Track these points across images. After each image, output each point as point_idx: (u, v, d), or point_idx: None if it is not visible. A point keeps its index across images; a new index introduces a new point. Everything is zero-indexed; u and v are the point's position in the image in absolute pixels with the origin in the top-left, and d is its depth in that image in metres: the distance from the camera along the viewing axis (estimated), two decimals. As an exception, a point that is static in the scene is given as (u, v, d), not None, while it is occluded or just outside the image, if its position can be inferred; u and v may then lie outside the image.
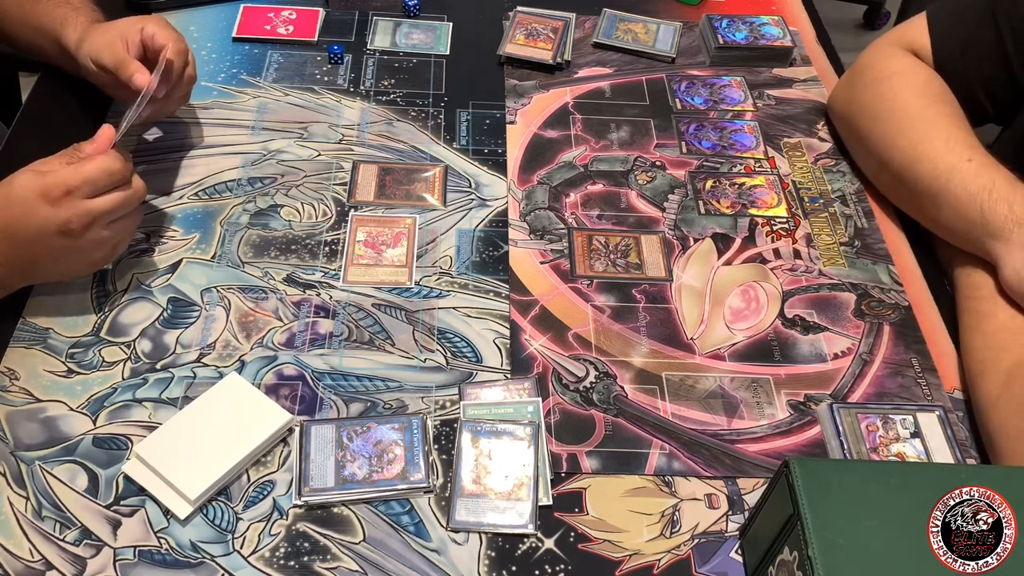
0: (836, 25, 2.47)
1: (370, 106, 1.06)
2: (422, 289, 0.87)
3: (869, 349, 0.85)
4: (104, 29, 0.92)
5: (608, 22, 1.18)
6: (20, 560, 0.67)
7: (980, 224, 0.83)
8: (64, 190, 0.74)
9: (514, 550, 0.70)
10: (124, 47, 0.89)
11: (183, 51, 0.90)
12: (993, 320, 0.81)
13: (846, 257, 0.93)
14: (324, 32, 1.15)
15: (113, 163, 0.76)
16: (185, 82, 0.93)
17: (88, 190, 0.75)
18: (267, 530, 0.70)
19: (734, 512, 0.73)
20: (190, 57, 0.93)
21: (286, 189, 0.95)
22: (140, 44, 0.89)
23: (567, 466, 0.75)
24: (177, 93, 0.93)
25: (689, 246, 0.93)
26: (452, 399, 0.79)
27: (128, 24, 0.91)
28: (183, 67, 0.91)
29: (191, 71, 0.93)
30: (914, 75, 0.95)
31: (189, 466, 0.71)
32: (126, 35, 0.89)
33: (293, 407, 0.77)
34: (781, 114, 1.09)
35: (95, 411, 0.76)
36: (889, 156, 0.93)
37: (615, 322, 0.86)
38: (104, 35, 0.90)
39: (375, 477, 0.73)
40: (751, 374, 0.82)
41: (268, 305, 0.85)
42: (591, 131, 1.05)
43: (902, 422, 0.78)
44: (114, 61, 0.88)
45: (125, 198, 0.78)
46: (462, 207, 0.95)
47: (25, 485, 0.71)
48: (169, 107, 0.94)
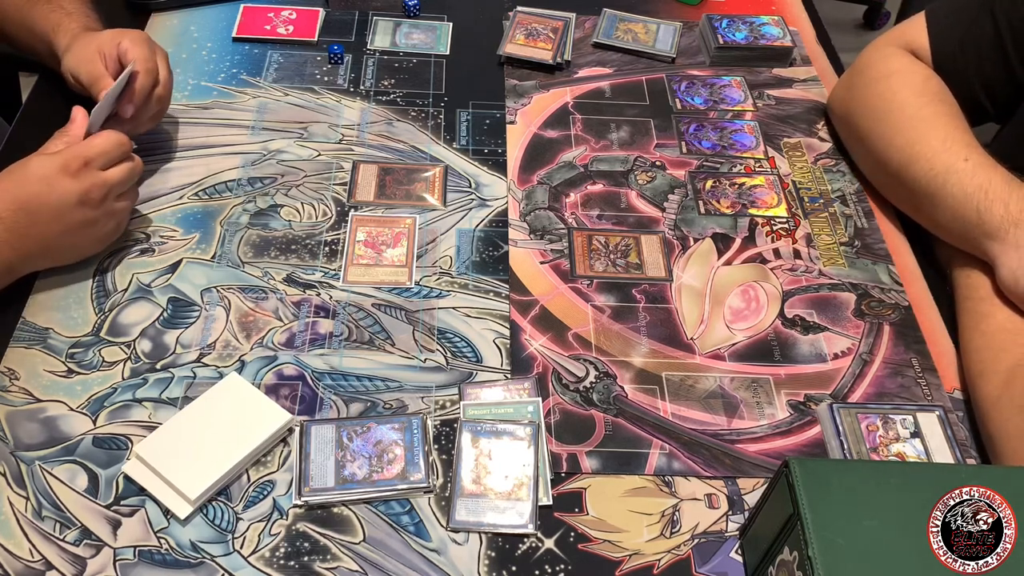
0: (836, 25, 2.47)
1: (370, 106, 1.06)
2: (422, 289, 0.87)
3: (869, 349, 0.85)
4: (87, 42, 0.91)
5: (608, 22, 1.18)
6: (20, 560, 0.67)
7: (977, 224, 0.83)
8: (82, 161, 0.79)
9: (514, 550, 0.70)
10: (102, 63, 0.89)
11: (152, 70, 0.90)
12: (992, 321, 0.81)
13: (846, 257, 0.93)
14: (324, 32, 1.15)
15: (120, 135, 0.82)
16: (154, 102, 0.91)
17: (103, 161, 0.80)
18: (267, 530, 0.70)
19: (734, 512, 0.73)
20: (161, 77, 0.91)
21: (286, 189, 0.95)
22: (117, 59, 0.89)
23: (567, 466, 0.75)
24: (146, 114, 0.91)
25: (689, 246, 0.93)
26: (452, 399, 0.79)
27: (108, 38, 0.90)
28: (151, 86, 0.90)
29: (161, 91, 0.91)
30: (912, 74, 0.95)
31: (189, 466, 0.71)
32: (104, 50, 0.89)
33: (293, 407, 0.77)
34: (781, 114, 1.09)
35: (95, 411, 0.76)
36: (887, 156, 0.93)
37: (615, 322, 0.86)
38: (85, 48, 0.90)
39: (375, 477, 0.73)
40: (751, 374, 0.82)
41: (268, 305, 0.85)
42: (591, 131, 1.05)
43: (902, 422, 0.78)
44: (89, 77, 0.89)
45: (132, 169, 0.83)
46: (462, 207, 0.95)
47: (25, 485, 0.71)
48: (139, 128, 0.92)
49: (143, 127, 0.93)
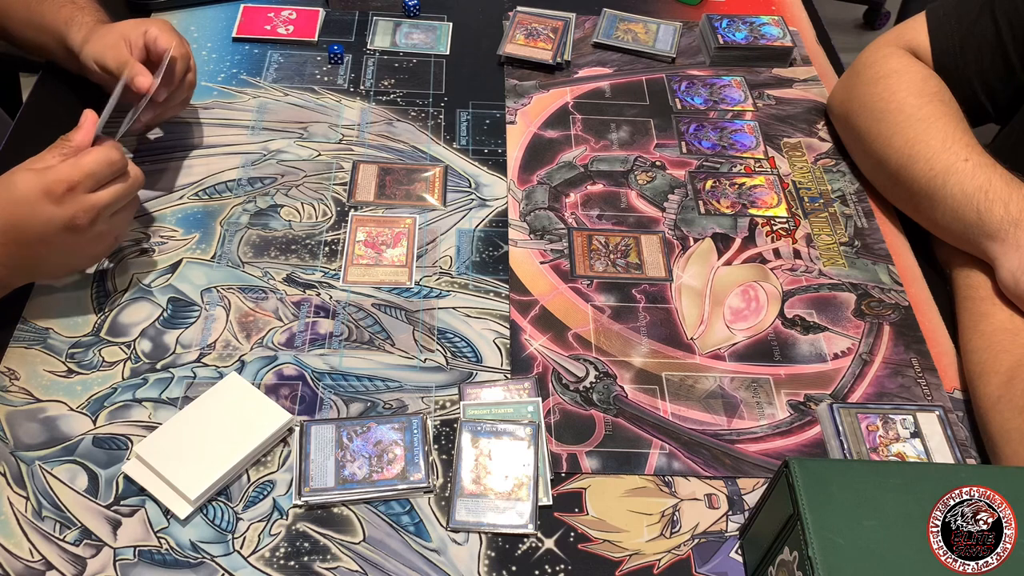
0: (836, 25, 2.47)
1: (370, 106, 1.06)
2: (422, 289, 0.87)
3: (869, 349, 0.85)
4: (107, 30, 0.92)
5: (608, 22, 1.18)
6: (20, 560, 0.67)
7: (976, 225, 0.83)
8: (66, 187, 0.73)
9: (514, 550, 0.70)
10: (127, 49, 0.89)
11: (186, 55, 0.91)
12: (992, 321, 0.81)
13: (846, 257, 0.93)
14: (324, 32, 1.15)
15: (111, 153, 0.76)
16: (186, 86, 0.93)
17: (90, 183, 0.75)
18: (267, 530, 0.70)
19: (734, 512, 0.73)
20: (192, 63, 0.93)
21: (286, 189, 0.95)
22: (143, 47, 0.89)
23: (567, 466, 0.75)
24: (177, 97, 0.93)
25: (689, 246, 0.93)
26: (452, 399, 0.79)
27: (131, 26, 0.91)
28: (184, 71, 0.91)
29: (192, 76, 0.94)
30: (911, 74, 0.95)
31: (189, 466, 0.71)
32: (129, 37, 0.90)
33: (293, 407, 0.77)
34: (781, 114, 1.09)
35: (95, 411, 0.76)
36: (886, 156, 0.93)
37: (615, 322, 0.86)
38: (107, 36, 0.91)
39: (375, 477, 0.73)
40: (751, 374, 0.82)
41: (268, 305, 0.85)
42: (591, 131, 1.05)
43: (902, 422, 0.78)
44: (117, 63, 0.88)
45: (126, 188, 0.78)
46: (462, 207, 0.95)
47: (25, 485, 0.71)
48: (169, 111, 0.95)
49: (171, 111, 0.95)
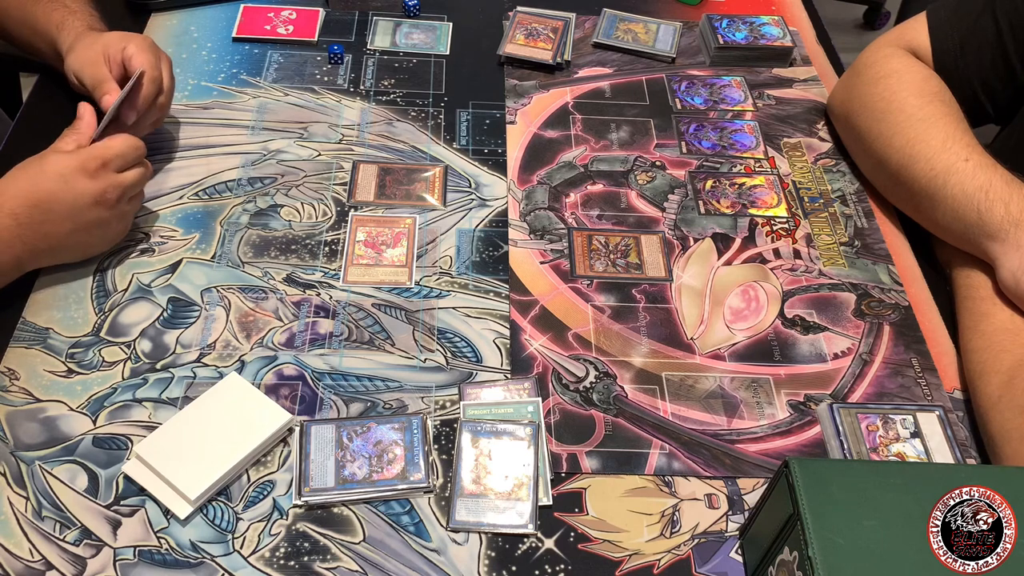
0: (836, 25, 2.47)
1: (370, 106, 1.06)
2: (422, 289, 0.87)
3: (869, 349, 0.85)
4: (92, 41, 0.91)
5: (608, 22, 1.18)
6: (20, 560, 0.67)
7: (977, 225, 0.83)
8: (100, 163, 0.80)
9: (514, 550, 0.70)
10: (106, 65, 0.89)
11: (156, 79, 0.90)
12: (992, 321, 0.81)
13: (846, 257, 0.93)
14: (324, 32, 1.15)
15: (137, 140, 0.84)
16: (156, 109, 0.92)
17: (119, 163, 0.82)
18: (267, 530, 0.70)
19: (734, 512, 0.73)
20: (165, 86, 0.92)
21: (286, 189, 0.95)
22: (121, 63, 0.89)
23: (567, 466, 0.75)
24: (147, 120, 0.91)
25: (689, 246, 0.93)
26: (452, 399, 0.79)
27: (113, 41, 0.90)
28: (154, 95, 0.90)
29: (163, 100, 0.92)
30: (911, 74, 0.95)
31: (189, 466, 0.71)
32: (109, 53, 0.89)
33: (293, 407, 0.77)
34: (781, 114, 1.09)
35: (95, 411, 0.76)
36: (886, 156, 0.93)
37: (615, 322, 0.86)
38: (89, 49, 0.90)
39: (375, 477, 0.73)
40: (751, 374, 0.82)
41: (268, 305, 0.85)
42: (591, 131, 1.05)
43: (902, 422, 0.78)
44: (93, 81, 0.89)
45: (144, 173, 0.85)
46: (462, 207, 0.95)
47: (25, 485, 0.71)
48: (137, 133, 0.90)
49: (141, 132, 0.92)
